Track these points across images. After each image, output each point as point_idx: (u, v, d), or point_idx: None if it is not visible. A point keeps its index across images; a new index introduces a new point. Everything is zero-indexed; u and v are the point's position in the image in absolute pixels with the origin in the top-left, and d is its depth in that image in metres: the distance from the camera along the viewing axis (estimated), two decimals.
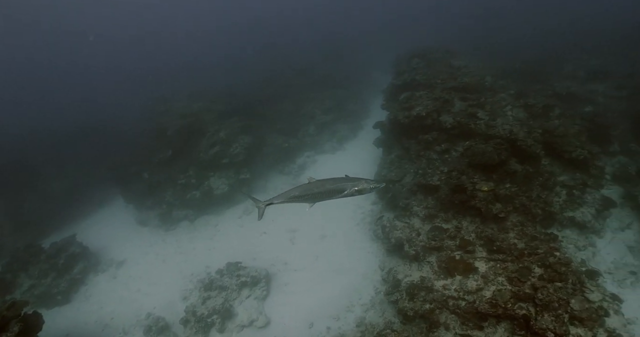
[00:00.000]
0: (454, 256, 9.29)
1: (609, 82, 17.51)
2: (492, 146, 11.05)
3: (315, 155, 20.49)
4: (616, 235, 11.62)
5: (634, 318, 9.32)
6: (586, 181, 11.62)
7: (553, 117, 13.46)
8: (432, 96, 14.04)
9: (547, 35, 26.92)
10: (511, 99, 14.58)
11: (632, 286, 10.32)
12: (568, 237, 10.96)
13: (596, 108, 15.32)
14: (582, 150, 11.66)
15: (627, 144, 13.83)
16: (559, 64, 20.42)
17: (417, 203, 11.22)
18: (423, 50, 19.80)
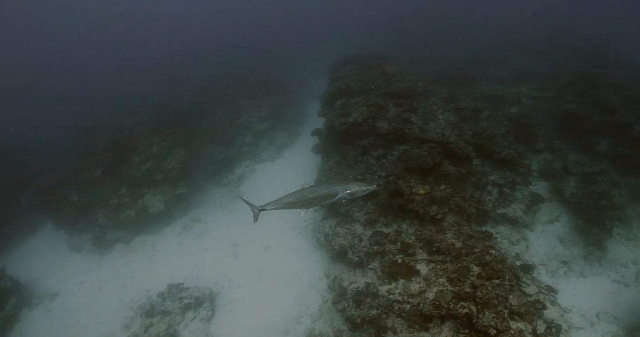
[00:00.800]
0: (396, 260, 9.38)
1: (533, 84, 18.64)
2: (427, 150, 11.34)
3: (254, 165, 20.03)
4: (546, 228, 12.33)
5: (570, 307, 9.94)
6: (515, 179, 12.23)
7: (482, 119, 14.05)
8: (367, 103, 14.23)
9: (474, 40, 28.22)
10: (442, 103, 15.10)
11: (565, 276, 10.98)
12: (502, 233, 11.48)
13: (522, 109, 16.19)
14: (510, 151, 12.23)
15: (551, 141, 14.71)
16: (486, 67, 21.47)
17: (358, 209, 11.25)
18: (357, 57, 20.19)
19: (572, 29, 28.99)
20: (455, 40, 28.51)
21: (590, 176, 12.86)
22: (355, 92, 15.57)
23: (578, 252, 11.66)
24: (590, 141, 14.24)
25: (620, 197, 12.80)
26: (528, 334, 7.57)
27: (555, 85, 17.63)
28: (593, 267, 11.23)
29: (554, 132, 15.07)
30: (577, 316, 9.83)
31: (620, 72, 19.50)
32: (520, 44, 26.15)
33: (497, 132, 13.02)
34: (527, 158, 13.44)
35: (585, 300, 10.30)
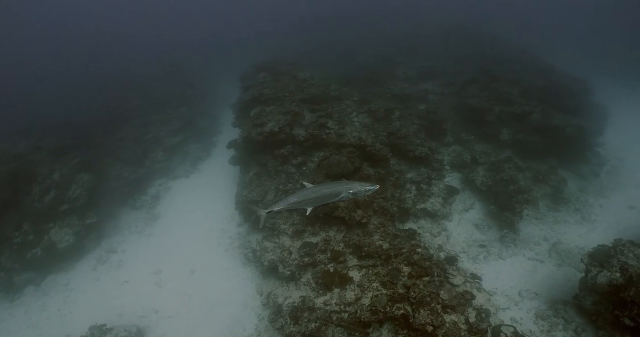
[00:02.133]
0: (328, 269, 9.38)
1: (438, 81, 19.66)
2: (346, 155, 11.51)
3: (168, 182, 18.78)
4: (462, 216, 13.07)
5: (494, 290, 10.47)
6: (430, 175, 12.83)
7: (394, 119, 14.52)
8: (282, 110, 14.12)
9: (380, 40, 29.03)
10: (356, 106, 15.40)
11: (485, 260, 11.64)
12: (424, 226, 11.99)
13: (429, 105, 17.01)
14: (423, 148, 12.82)
15: (458, 134, 15.61)
16: (392, 67, 22.11)
17: (284, 221, 11.14)
18: (269, 63, 19.93)
19: (471, 26, 31.01)
20: (363, 42, 29.15)
21: (496, 163, 13.83)
22: (269, 100, 15.36)
23: (493, 235, 12.47)
24: (493, 131, 15.33)
25: (524, 180, 13.92)
26: (461, 325, 7.95)
27: (458, 81, 18.76)
28: (509, 248, 12.04)
29: (460, 125, 16.04)
30: (501, 297, 10.36)
31: (517, 66, 21.18)
32: (423, 42, 27.44)
33: (410, 130, 13.57)
34: (439, 153, 14.15)
35: (506, 281, 10.92)
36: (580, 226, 13.28)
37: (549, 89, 17.76)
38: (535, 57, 24.65)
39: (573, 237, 12.66)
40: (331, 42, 29.90)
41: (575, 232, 12.95)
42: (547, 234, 12.71)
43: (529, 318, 9.72)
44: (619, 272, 8.82)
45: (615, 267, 8.94)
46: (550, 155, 15.07)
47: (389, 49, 26.30)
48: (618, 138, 18.51)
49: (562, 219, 13.41)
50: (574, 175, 15.17)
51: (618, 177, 16.14)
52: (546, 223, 13.17)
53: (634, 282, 8.48)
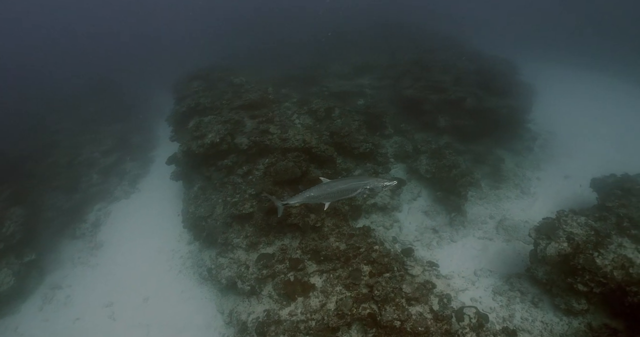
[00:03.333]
0: (288, 278, 9.30)
1: (373, 75, 19.92)
2: (292, 160, 11.45)
3: (107, 206, 17.56)
4: (411, 205, 13.43)
5: (450, 273, 10.79)
6: (377, 169, 13.05)
7: (335, 117, 14.59)
8: (221, 119, 13.81)
9: (312, 38, 28.98)
10: (296, 107, 15.35)
11: (438, 245, 12.00)
12: (376, 221, 12.20)
13: (367, 100, 17.25)
14: (367, 144, 13.01)
15: (398, 125, 15.93)
16: (327, 64, 22.14)
17: (236, 234, 10.90)
18: (202, 70, 19.41)
19: (399, 18, 31.69)
20: (295, 40, 29.04)
21: (437, 150, 14.31)
22: (206, 109, 14.99)
23: (443, 220, 12.88)
24: (431, 119, 15.80)
25: (465, 163, 14.46)
26: (427, 314, 8.15)
27: (393, 74, 19.12)
28: (459, 230, 12.49)
29: (399, 117, 16.38)
30: (459, 279, 10.67)
31: (447, 54, 21.86)
32: (354, 38, 27.73)
33: (352, 127, 13.70)
34: (382, 146, 14.40)
35: (461, 262, 11.31)
36: (521, 200, 14.01)
37: (479, 73, 18.52)
38: (462, 44, 25.63)
39: (517, 212, 13.33)
40: (264, 44, 29.52)
41: (518, 206, 13.65)
42: (492, 212, 13.30)
43: (488, 295, 10.10)
44: (566, 242, 9.36)
45: (562, 237, 9.48)
46: (486, 137, 15.75)
47: (322, 47, 26.38)
48: (546, 113, 19.70)
49: (504, 195, 14.08)
50: (509, 152, 15.97)
51: (550, 149, 17.14)
52: (490, 202, 13.79)
53: (582, 249, 9.05)
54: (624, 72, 28.50)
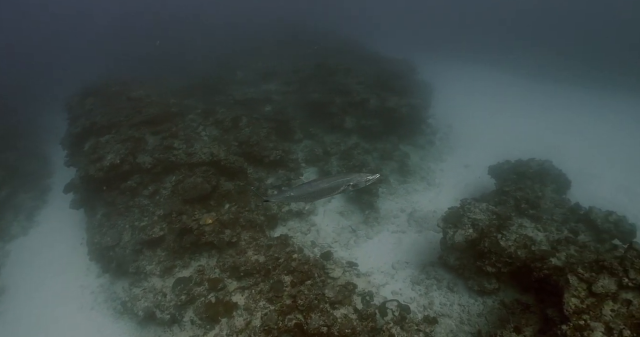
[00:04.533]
0: (210, 300, 8.97)
1: (279, 80, 19.85)
2: (201, 175, 11.08)
3: (5, 246, 15.55)
4: (327, 208, 13.58)
5: (370, 270, 10.97)
6: (289, 175, 13.06)
7: (243, 126, 14.34)
8: (120, 138, 13.02)
9: (214, 45, 28.34)
10: (201, 119, 14.86)
11: (356, 244, 12.21)
12: (293, 227, 12.18)
13: (275, 106, 17.17)
14: (277, 151, 12.96)
15: (307, 129, 16.09)
16: (232, 71, 21.80)
17: (148, 261, 10.29)
18: (96, 85, 18.17)
19: (303, 22, 31.97)
20: (196, 48, 28.26)
21: (346, 151, 14.69)
22: (103, 129, 13.94)
23: (358, 219, 13.20)
24: (338, 121, 16.16)
25: (374, 161, 14.98)
26: (351, 315, 8.29)
27: (299, 78, 19.22)
28: (373, 227, 12.86)
29: (308, 121, 16.55)
30: (378, 275, 10.87)
31: (350, 56, 22.46)
32: (258, 44, 27.55)
33: (261, 135, 13.58)
34: (293, 152, 14.44)
35: (379, 258, 11.57)
36: (428, 191, 14.81)
37: (381, 74, 19.26)
38: (365, 47, 26.58)
39: (425, 203, 14.04)
40: (163, 53, 28.34)
41: (426, 198, 14.39)
42: (403, 206, 13.89)
43: (407, 287, 10.42)
44: (472, 228, 9.95)
45: (467, 224, 10.07)
46: (392, 134, 16.44)
47: (225, 53, 25.89)
48: (444, 107, 21.04)
49: (412, 188, 14.80)
50: (414, 147, 16.81)
51: (450, 141, 18.31)
52: (400, 196, 14.41)
53: (486, 233, 9.66)
54: (513, 66, 31.38)
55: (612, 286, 6.71)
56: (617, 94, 27.33)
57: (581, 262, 7.39)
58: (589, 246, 9.53)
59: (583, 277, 6.98)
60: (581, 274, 7.02)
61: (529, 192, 11.82)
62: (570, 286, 6.93)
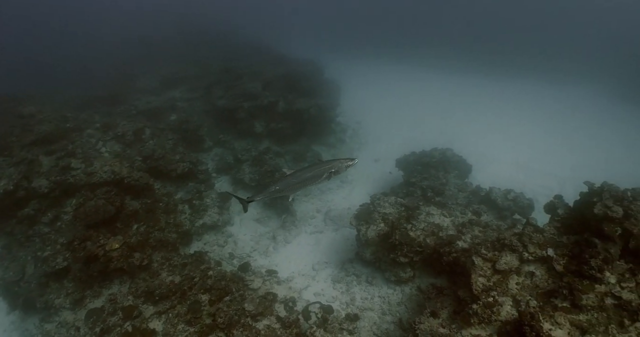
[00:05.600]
0: (126, 330, 8.55)
1: (183, 87, 19.19)
2: (103, 197, 10.47)
3: None
4: (242, 216, 13.48)
5: (291, 275, 11.10)
6: (199, 188, 12.77)
7: (147, 139, 13.77)
8: (11, 161, 11.87)
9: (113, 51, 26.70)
10: (100, 134, 13.97)
11: (275, 250, 12.29)
12: (209, 241, 11.98)
13: (180, 114, 16.57)
14: (185, 163, 12.60)
15: (216, 136, 15.82)
16: (133, 79, 20.70)
17: (56, 294, 9.58)
18: None
19: (207, 24, 31.02)
20: (94, 55, 26.38)
21: (258, 157, 14.64)
22: None
23: (275, 224, 13.30)
24: (248, 127, 16.06)
25: (286, 164, 15.09)
26: (274, 325, 8.42)
27: (204, 84, 18.74)
28: (291, 231, 13.00)
29: (216, 128, 16.28)
30: (300, 278, 11.02)
31: (255, 60, 22.25)
32: (159, 48, 26.40)
33: (166, 147, 13.14)
34: (202, 162, 14.06)
35: (299, 261, 11.73)
36: (341, 189, 15.26)
37: (288, 76, 19.38)
38: (270, 49, 26.51)
39: (339, 201, 14.47)
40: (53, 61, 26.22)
41: (340, 196, 14.84)
42: (318, 206, 14.20)
43: (328, 286, 10.65)
44: (383, 223, 10.46)
45: (378, 219, 10.55)
46: (302, 136, 16.70)
47: (125, 60, 24.52)
48: (352, 104, 21.66)
49: (327, 188, 15.13)
50: (325, 147, 17.23)
51: (360, 137, 18.94)
52: (315, 196, 14.71)
53: (396, 226, 10.18)
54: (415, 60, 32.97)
55: (515, 261, 7.31)
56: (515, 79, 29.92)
57: (485, 243, 7.97)
58: (491, 225, 10.39)
59: (486, 257, 7.54)
60: (484, 254, 7.58)
61: (434, 180, 12.56)
62: (476, 267, 7.46)
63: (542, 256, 7.23)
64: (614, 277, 6.44)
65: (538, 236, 7.50)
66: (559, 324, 5.99)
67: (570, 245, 7.27)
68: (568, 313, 6.13)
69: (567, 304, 6.30)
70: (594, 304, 6.17)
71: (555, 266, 7.00)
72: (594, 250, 6.69)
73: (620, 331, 5.83)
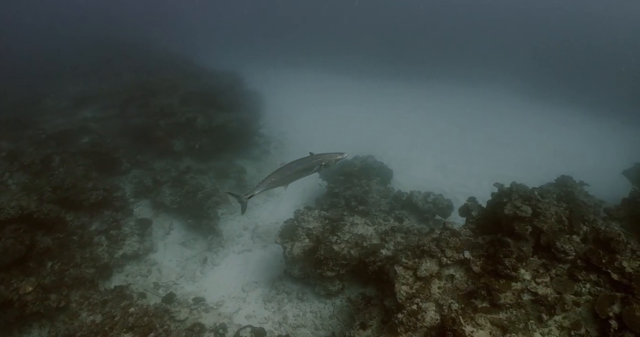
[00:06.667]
0: None
1: (95, 106, 18.06)
2: (11, 236, 9.63)
3: None
4: (166, 241, 13.04)
5: (221, 300, 10.81)
6: (116, 217, 12.11)
7: (56, 166, 12.90)
8: None
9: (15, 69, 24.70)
10: (6, 164, 12.91)
11: (203, 274, 11.92)
12: (131, 272, 11.43)
13: (93, 136, 15.54)
14: (99, 191, 11.92)
15: (134, 157, 15.12)
16: (40, 99, 19.17)
17: None
18: None
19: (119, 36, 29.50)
20: None
21: (178, 178, 14.20)
22: None
23: (202, 246, 12.91)
24: (166, 145, 15.50)
25: (210, 181, 14.75)
26: None
27: (118, 102, 17.85)
28: (219, 252, 12.69)
29: (133, 148, 15.50)
30: (230, 302, 10.75)
31: (171, 74, 21.52)
32: (71, 63, 24.81)
33: (78, 175, 12.42)
34: (118, 188, 13.32)
35: (228, 284, 11.43)
36: (268, 203, 15.15)
37: (206, 90, 18.98)
38: (189, 61, 25.74)
39: (267, 216, 14.35)
40: None
41: (267, 210, 14.71)
42: (245, 224, 13.98)
43: (259, 307, 10.53)
44: (307, 238, 10.58)
45: (303, 235, 10.66)
46: (225, 151, 16.44)
47: (30, 78, 22.77)
48: (275, 115, 21.59)
49: (252, 203, 14.81)
50: (250, 160, 17.05)
51: (285, 148, 19.04)
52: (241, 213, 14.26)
53: (321, 240, 10.35)
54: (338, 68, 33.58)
55: (434, 266, 7.64)
56: (433, 82, 31.31)
57: (405, 251, 8.24)
58: (412, 230, 10.79)
59: (407, 265, 7.82)
60: (405, 263, 7.85)
61: (356, 189, 12.83)
62: (398, 276, 7.69)
63: (459, 259, 7.63)
64: (529, 274, 6.97)
65: (454, 239, 7.91)
66: (480, 325, 6.34)
67: (485, 245, 7.76)
68: (488, 313, 6.51)
69: (487, 304, 6.69)
70: (511, 302, 6.60)
71: (473, 267, 7.41)
72: (507, 249, 7.20)
73: (540, 326, 6.30)
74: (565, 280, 6.85)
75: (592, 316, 6.31)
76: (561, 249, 7.05)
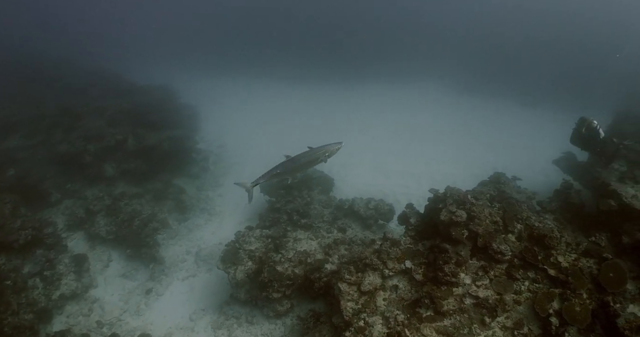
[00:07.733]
0: None
1: (20, 133, 16.69)
2: None
3: None
4: (106, 275, 12.44)
5: (169, 331, 10.53)
6: (49, 255, 11.35)
7: None
8: None
9: None
10: None
11: (147, 306, 11.51)
12: (73, 313, 10.89)
13: (20, 167, 14.43)
14: (27, 231, 11.10)
15: (64, 187, 14.27)
16: None
17: None
18: None
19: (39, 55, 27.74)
20: None
21: (112, 206, 13.53)
22: None
23: (144, 276, 12.44)
24: (97, 171, 14.76)
25: (148, 205, 14.23)
26: None
27: (42, 127, 16.68)
28: (162, 281, 12.24)
29: (62, 177, 14.56)
30: (178, 334, 10.49)
31: (97, 93, 20.44)
32: None
33: (4, 213, 11.51)
34: (48, 223, 12.25)
35: (174, 314, 11.09)
36: (210, 223, 14.80)
37: (136, 109, 18.27)
38: (117, 77, 24.59)
39: (210, 237, 14.01)
40: None
41: (209, 230, 14.38)
42: (188, 247, 13.58)
43: (209, 335, 10.34)
44: (250, 261, 10.55)
45: (245, 258, 10.62)
46: (161, 172, 15.87)
47: None
48: (212, 128, 21.06)
49: (194, 224, 14.59)
50: (188, 178, 16.54)
51: (224, 162, 18.63)
52: (183, 237, 14.02)
53: (264, 261, 10.33)
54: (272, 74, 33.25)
55: (378, 279, 7.80)
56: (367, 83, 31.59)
57: (348, 266, 8.28)
58: (355, 240, 10.96)
59: (351, 281, 7.93)
60: (349, 279, 7.95)
61: (298, 201, 12.77)
62: (342, 293, 7.79)
63: (401, 269, 7.84)
64: (469, 278, 7.31)
65: (395, 250, 8.11)
66: (425, 335, 6.60)
67: (426, 252, 8.05)
68: (433, 322, 6.77)
69: (431, 313, 6.95)
70: (454, 308, 6.91)
71: (415, 276, 7.67)
72: (446, 255, 7.51)
73: (484, 329, 6.62)
74: (504, 280, 7.25)
75: (533, 314, 6.73)
76: (497, 249, 7.47)
